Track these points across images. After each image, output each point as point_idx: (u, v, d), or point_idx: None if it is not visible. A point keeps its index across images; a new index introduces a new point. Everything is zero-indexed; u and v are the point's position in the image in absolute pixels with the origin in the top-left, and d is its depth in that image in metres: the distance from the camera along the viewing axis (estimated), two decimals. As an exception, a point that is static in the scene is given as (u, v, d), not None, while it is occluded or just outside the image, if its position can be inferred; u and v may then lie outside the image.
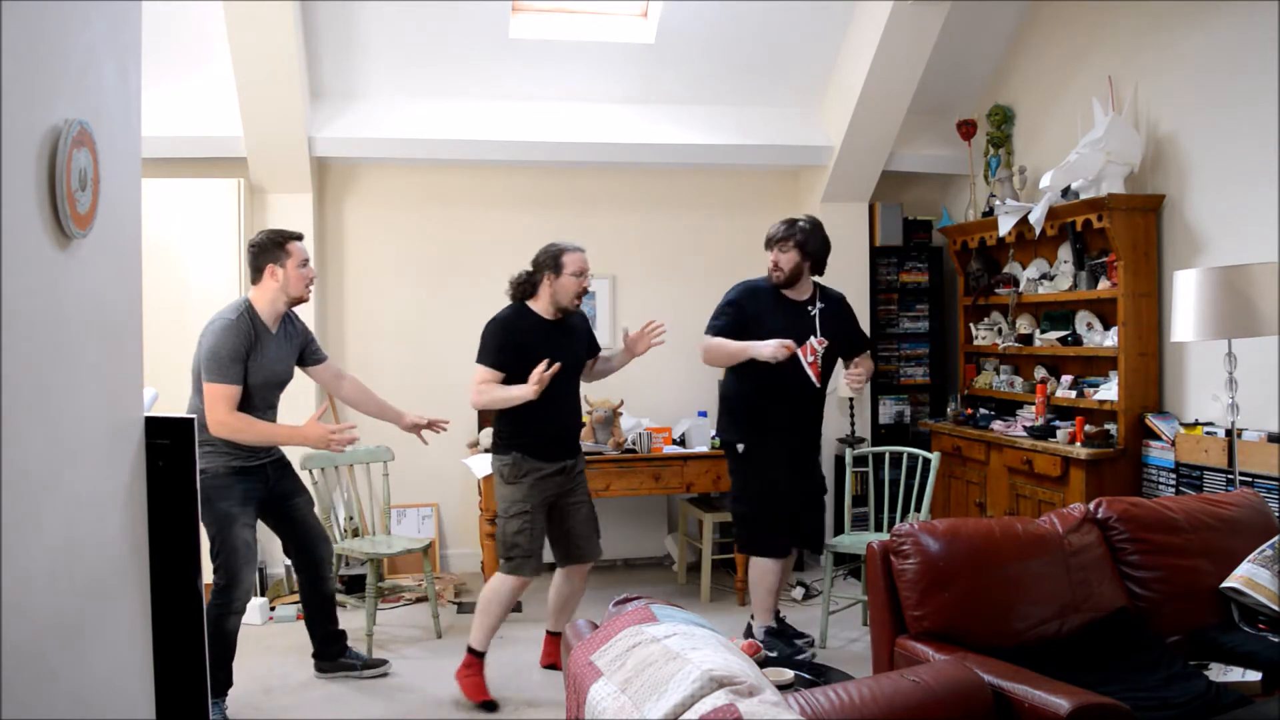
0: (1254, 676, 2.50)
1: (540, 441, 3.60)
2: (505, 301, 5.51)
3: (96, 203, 1.55)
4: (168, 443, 1.85)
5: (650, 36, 5.06)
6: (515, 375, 3.54)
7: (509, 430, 3.63)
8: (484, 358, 3.60)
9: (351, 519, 4.74)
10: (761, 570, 3.90)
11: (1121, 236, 4.30)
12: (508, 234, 5.54)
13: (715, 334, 3.90)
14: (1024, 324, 5.07)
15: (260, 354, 3.41)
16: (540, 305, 3.70)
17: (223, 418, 3.27)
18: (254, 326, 3.40)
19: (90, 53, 1.56)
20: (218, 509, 3.34)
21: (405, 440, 4.99)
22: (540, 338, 3.61)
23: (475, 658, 3.62)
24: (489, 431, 4.87)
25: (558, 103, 5.31)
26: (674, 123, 5.39)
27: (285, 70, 4.55)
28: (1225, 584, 2.80)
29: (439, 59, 5.01)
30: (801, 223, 3.88)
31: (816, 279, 3.97)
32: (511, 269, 5.50)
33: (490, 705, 3.53)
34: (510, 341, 3.59)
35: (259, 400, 3.43)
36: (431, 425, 3.78)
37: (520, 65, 5.10)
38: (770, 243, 3.92)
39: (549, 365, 3.45)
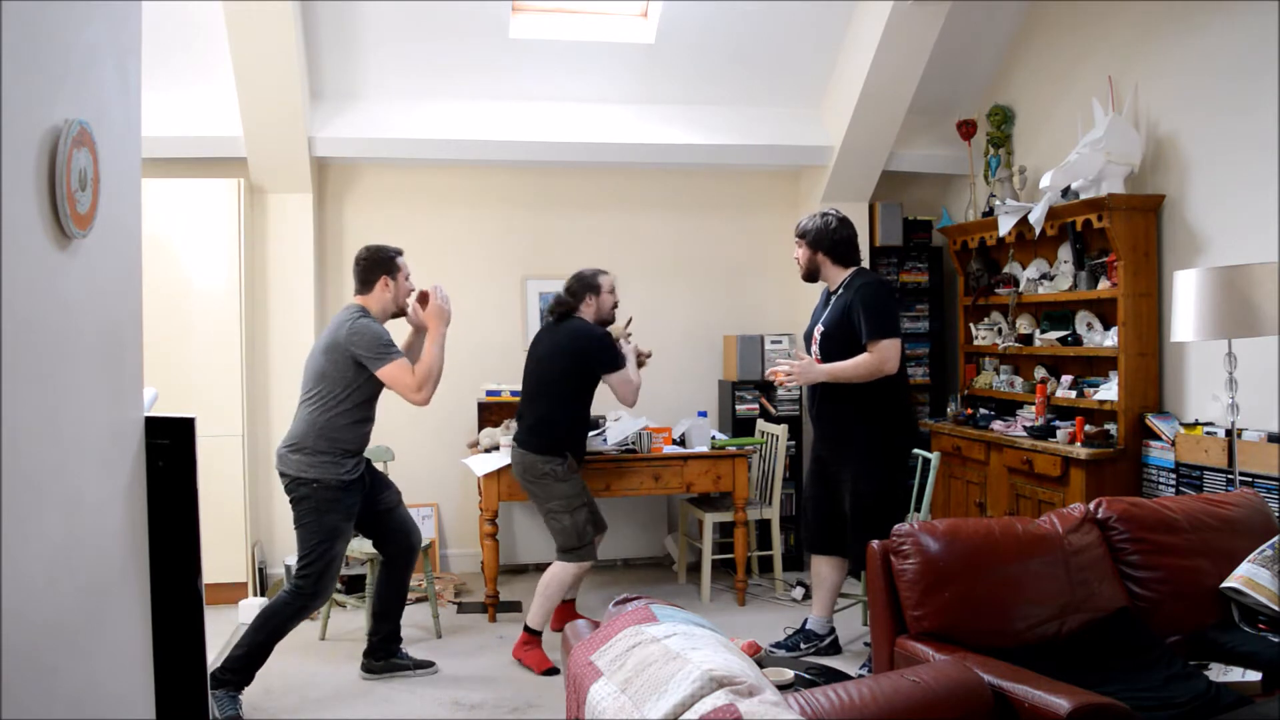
0: (1254, 676, 2.50)
1: (583, 441, 4.14)
2: (504, 301, 5.56)
3: (96, 203, 1.55)
4: (168, 443, 1.85)
5: (650, 36, 5.06)
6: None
7: (566, 433, 4.01)
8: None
9: (352, 519, 4.73)
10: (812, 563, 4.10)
11: (1121, 236, 4.30)
12: (507, 234, 5.55)
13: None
14: (1024, 324, 5.07)
15: None
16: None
17: (415, 382, 3.49)
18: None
19: (90, 53, 1.56)
20: (326, 521, 3.47)
21: (405, 440, 5.03)
22: None
23: (532, 635, 3.94)
24: (489, 431, 4.89)
25: (558, 103, 5.31)
26: (674, 123, 5.39)
27: (285, 70, 4.55)
28: (1225, 584, 2.80)
29: (439, 59, 5.01)
30: (816, 217, 3.92)
31: (864, 268, 3.96)
32: (510, 269, 5.56)
33: (553, 670, 3.82)
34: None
35: (372, 403, 3.60)
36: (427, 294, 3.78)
37: (520, 65, 5.10)
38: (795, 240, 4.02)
39: None
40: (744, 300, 5.81)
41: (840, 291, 3.86)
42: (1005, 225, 4.88)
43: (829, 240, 3.86)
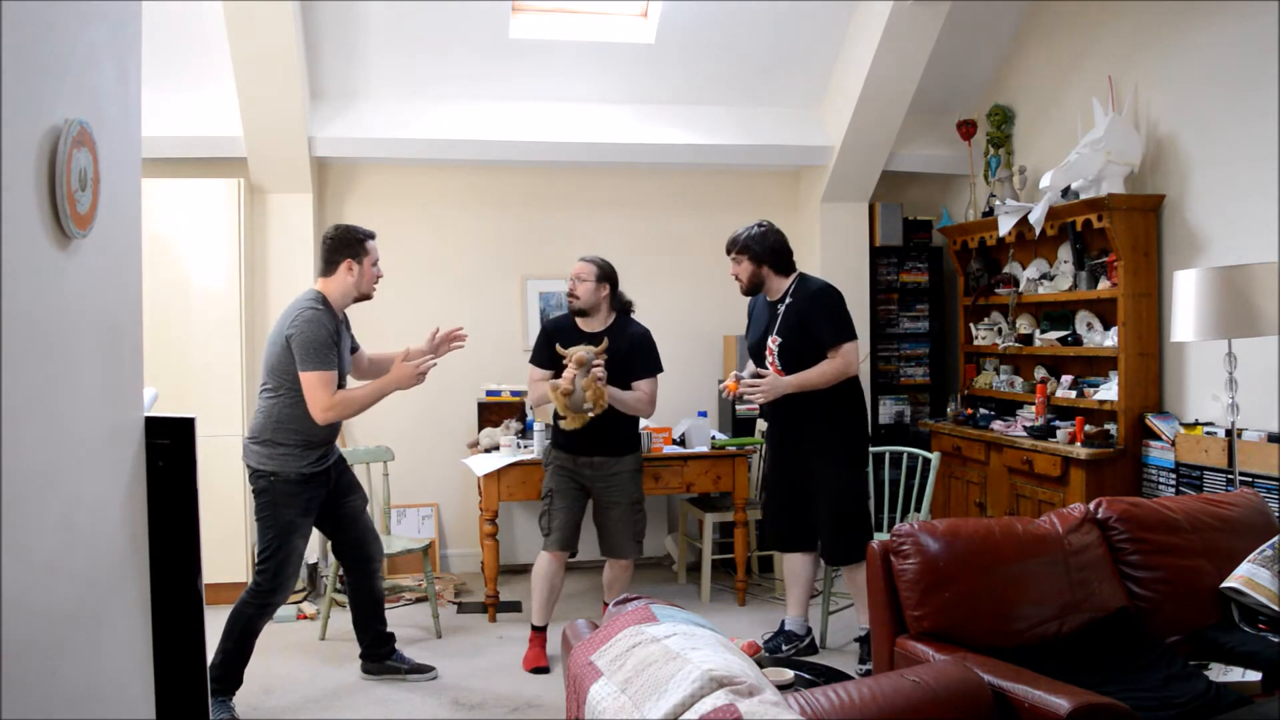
0: (1254, 676, 2.50)
1: (557, 434, 3.94)
2: (504, 301, 5.57)
3: (96, 203, 1.55)
4: (168, 443, 1.85)
5: (650, 36, 5.06)
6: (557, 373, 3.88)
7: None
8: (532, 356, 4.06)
9: (351, 519, 4.73)
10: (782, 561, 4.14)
11: (1121, 236, 4.30)
12: (507, 234, 5.55)
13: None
14: (1024, 324, 5.07)
15: (339, 345, 3.46)
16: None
17: (327, 402, 3.32)
18: (332, 317, 3.44)
19: (90, 53, 1.56)
20: (282, 516, 3.38)
21: (405, 440, 5.03)
22: (567, 341, 3.84)
23: (533, 631, 3.95)
24: (489, 431, 4.90)
25: (558, 103, 5.31)
26: (674, 123, 5.39)
27: (285, 70, 4.55)
28: (1225, 584, 2.80)
29: (439, 59, 5.01)
30: (748, 230, 3.93)
31: (804, 274, 3.97)
32: (510, 269, 5.56)
33: (540, 670, 3.85)
34: (545, 342, 3.96)
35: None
36: (451, 338, 3.73)
37: (520, 65, 5.09)
38: (729, 257, 4.00)
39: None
40: (744, 300, 5.79)
41: (788, 300, 3.88)
42: (1005, 225, 4.88)
43: (771, 251, 3.90)
